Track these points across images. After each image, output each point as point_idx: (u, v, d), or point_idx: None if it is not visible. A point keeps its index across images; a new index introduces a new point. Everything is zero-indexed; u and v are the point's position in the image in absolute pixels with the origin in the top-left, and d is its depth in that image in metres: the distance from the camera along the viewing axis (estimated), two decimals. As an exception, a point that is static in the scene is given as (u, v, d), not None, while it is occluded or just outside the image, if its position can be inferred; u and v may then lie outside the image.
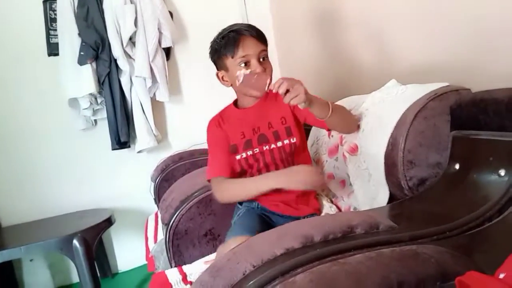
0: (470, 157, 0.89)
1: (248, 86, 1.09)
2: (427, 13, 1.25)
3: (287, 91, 0.96)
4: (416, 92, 1.04)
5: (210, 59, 1.24)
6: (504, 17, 1.00)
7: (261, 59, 1.16)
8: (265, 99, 1.25)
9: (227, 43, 1.15)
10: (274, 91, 0.98)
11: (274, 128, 1.23)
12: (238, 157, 1.23)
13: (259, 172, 1.23)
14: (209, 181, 1.27)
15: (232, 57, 1.14)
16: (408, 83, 1.15)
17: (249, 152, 1.23)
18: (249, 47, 1.13)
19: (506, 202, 0.76)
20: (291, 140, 1.22)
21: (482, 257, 0.65)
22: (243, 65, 1.13)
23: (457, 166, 0.92)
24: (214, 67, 1.25)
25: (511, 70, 0.98)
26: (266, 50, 1.18)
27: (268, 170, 1.22)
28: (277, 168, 1.22)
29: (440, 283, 0.54)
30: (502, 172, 0.80)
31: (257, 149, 1.22)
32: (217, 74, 1.24)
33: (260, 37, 1.17)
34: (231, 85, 1.23)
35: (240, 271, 0.68)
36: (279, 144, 1.22)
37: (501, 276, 0.49)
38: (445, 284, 0.53)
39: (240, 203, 1.29)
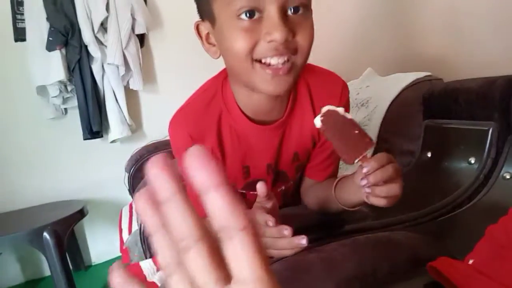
0: (442, 145, 0.91)
1: (332, 130, 0.57)
2: (402, 4, 1.26)
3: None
4: (397, 81, 1.05)
5: None
6: (476, 11, 1.02)
7: (290, 11, 0.58)
8: (293, 107, 0.72)
9: None
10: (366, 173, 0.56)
11: (301, 160, 0.78)
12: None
13: None
14: None
15: None
16: (383, 73, 1.16)
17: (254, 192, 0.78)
18: None
19: (476, 188, 0.79)
20: (297, 176, 0.83)
21: (452, 242, 0.66)
22: (244, 15, 0.57)
23: (429, 154, 0.94)
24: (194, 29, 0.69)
25: (481, 60, 1.00)
26: None
27: None
28: None
29: (412, 268, 0.55)
30: (472, 160, 0.82)
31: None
32: (197, 28, 0.67)
33: None
34: (220, 55, 0.66)
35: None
36: (291, 182, 0.83)
37: (470, 262, 0.51)
38: (417, 269, 0.54)
39: None
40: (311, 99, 0.72)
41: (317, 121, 0.56)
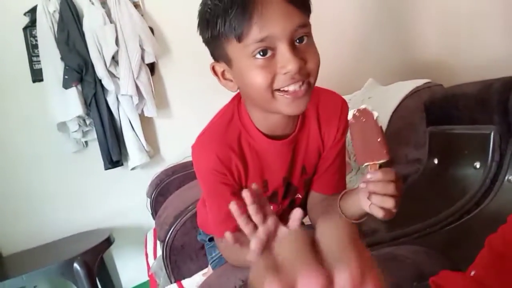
0: (447, 151, 0.91)
1: (359, 128, 0.61)
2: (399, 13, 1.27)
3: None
4: (398, 90, 1.06)
5: (201, 38, 0.71)
6: (472, 16, 1.02)
7: (296, 42, 0.64)
8: (302, 122, 0.77)
9: (227, 13, 0.62)
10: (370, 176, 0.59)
11: (308, 174, 0.81)
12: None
13: None
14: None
15: (240, 41, 0.62)
16: (385, 82, 1.17)
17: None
18: (274, 21, 0.60)
19: (483, 194, 0.79)
20: (305, 191, 0.86)
21: (459, 252, 0.67)
22: (259, 55, 0.63)
23: (436, 161, 0.94)
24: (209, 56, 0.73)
25: (481, 62, 1.00)
26: (307, 26, 0.65)
27: None
28: None
29: (416, 283, 0.56)
30: (477, 165, 0.83)
31: (280, 206, 0.85)
32: (212, 68, 0.72)
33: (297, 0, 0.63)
34: (238, 88, 0.72)
35: (230, 287, 0.70)
36: (298, 195, 0.85)
37: (472, 273, 0.51)
38: (421, 284, 0.55)
39: (211, 238, 1.04)
40: (317, 114, 0.77)
41: (351, 114, 0.61)
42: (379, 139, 0.58)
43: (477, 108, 0.83)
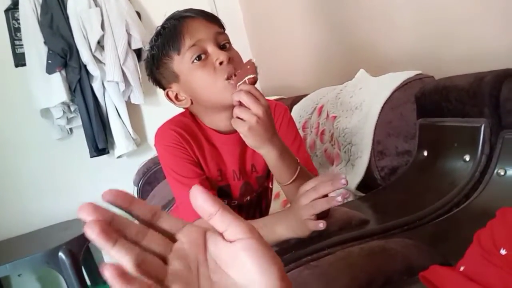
0: (437, 144, 0.91)
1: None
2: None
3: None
4: (389, 82, 1.05)
5: (149, 79, 0.88)
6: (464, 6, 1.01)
7: (221, 47, 0.80)
8: None
9: (166, 39, 0.79)
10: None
11: (259, 172, 0.90)
12: None
13: None
14: None
15: (179, 53, 0.78)
16: (376, 73, 1.16)
17: (224, 202, 0.84)
18: (198, 30, 0.78)
19: (472, 187, 0.79)
20: (270, 185, 0.94)
21: (449, 245, 0.67)
22: (196, 60, 0.77)
23: (425, 153, 0.94)
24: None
25: (471, 55, 1.00)
26: (224, 35, 0.82)
27: None
28: None
29: (406, 277, 0.56)
30: (467, 158, 0.83)
31: (236, 201, 0.90)
32: (167, 95, 0.84)
33: (210, 17, 0.82)
34: (192, 101, 0.83)
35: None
36: (254, 194, 0.93)
37: (462, 268, 0.51)
38: (411, 278, 0.55)
39: None
40: None
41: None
42: (248, 66, 0.72)
43: (468, 101, 0.82)
